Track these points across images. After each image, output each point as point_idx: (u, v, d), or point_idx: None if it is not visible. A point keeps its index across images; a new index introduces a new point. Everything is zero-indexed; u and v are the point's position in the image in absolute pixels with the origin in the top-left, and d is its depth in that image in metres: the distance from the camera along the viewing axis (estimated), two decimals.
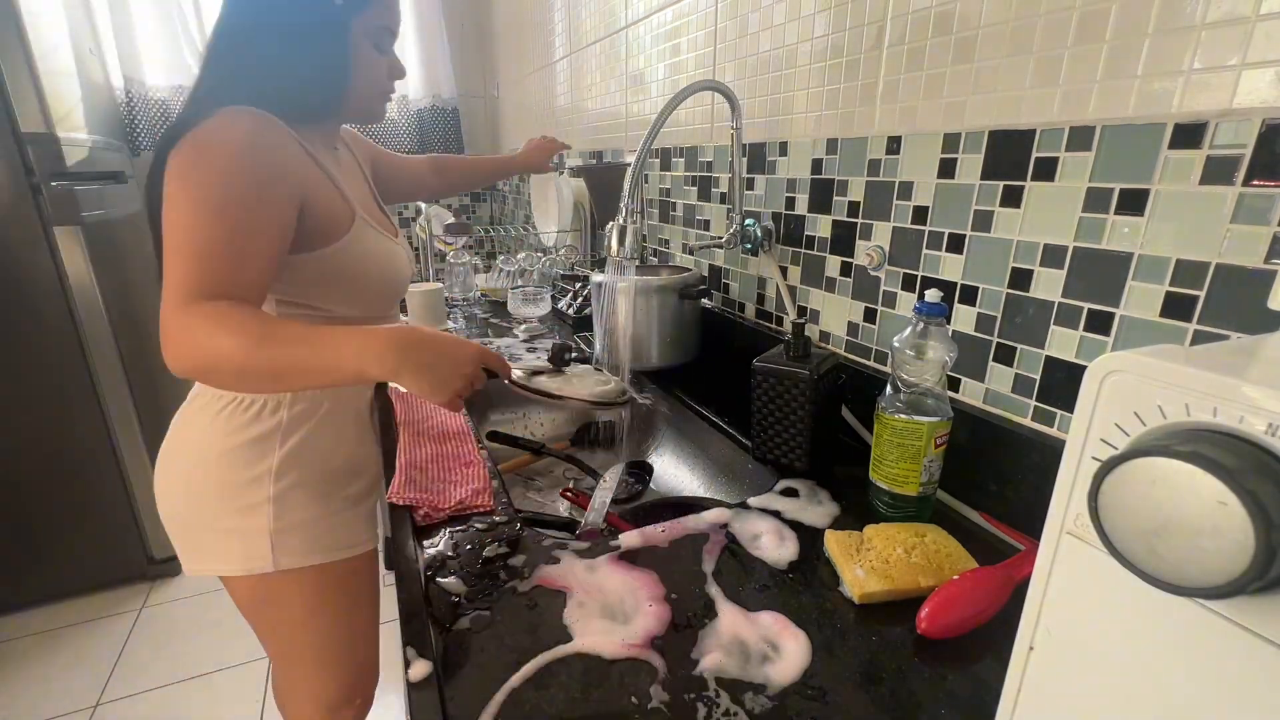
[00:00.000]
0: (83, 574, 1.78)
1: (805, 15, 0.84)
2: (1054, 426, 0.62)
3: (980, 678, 0.45)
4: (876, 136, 0.76)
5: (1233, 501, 0.20)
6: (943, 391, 0.62)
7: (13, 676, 1.57)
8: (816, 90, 0.84)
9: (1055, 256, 0.59)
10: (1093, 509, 0.25)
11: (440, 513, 0.65)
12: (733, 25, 1.00)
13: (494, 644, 0.49)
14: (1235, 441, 0.22)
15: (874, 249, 0.78)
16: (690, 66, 1.14)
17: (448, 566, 0.58)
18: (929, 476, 0.62)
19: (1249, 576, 0.20)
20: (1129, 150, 0.52)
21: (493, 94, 2.65)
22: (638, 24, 1.32)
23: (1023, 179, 0.61)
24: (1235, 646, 0.23)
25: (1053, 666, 0.31)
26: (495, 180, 1.38)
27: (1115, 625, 0.27)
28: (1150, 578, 0.23)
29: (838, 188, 0.83)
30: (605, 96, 1.53)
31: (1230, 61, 0.46)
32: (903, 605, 0.52)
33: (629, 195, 0.80)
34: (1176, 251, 0.50)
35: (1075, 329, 0.58)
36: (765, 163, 0.97)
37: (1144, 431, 0.25)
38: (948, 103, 0.67)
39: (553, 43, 1.85)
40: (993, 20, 0.61)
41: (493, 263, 1.91)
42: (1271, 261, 0.45)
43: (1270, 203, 0.45)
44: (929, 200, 0.71)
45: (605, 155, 1.57)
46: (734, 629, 0.50)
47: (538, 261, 1.67)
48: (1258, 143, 0.45)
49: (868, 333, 0.82)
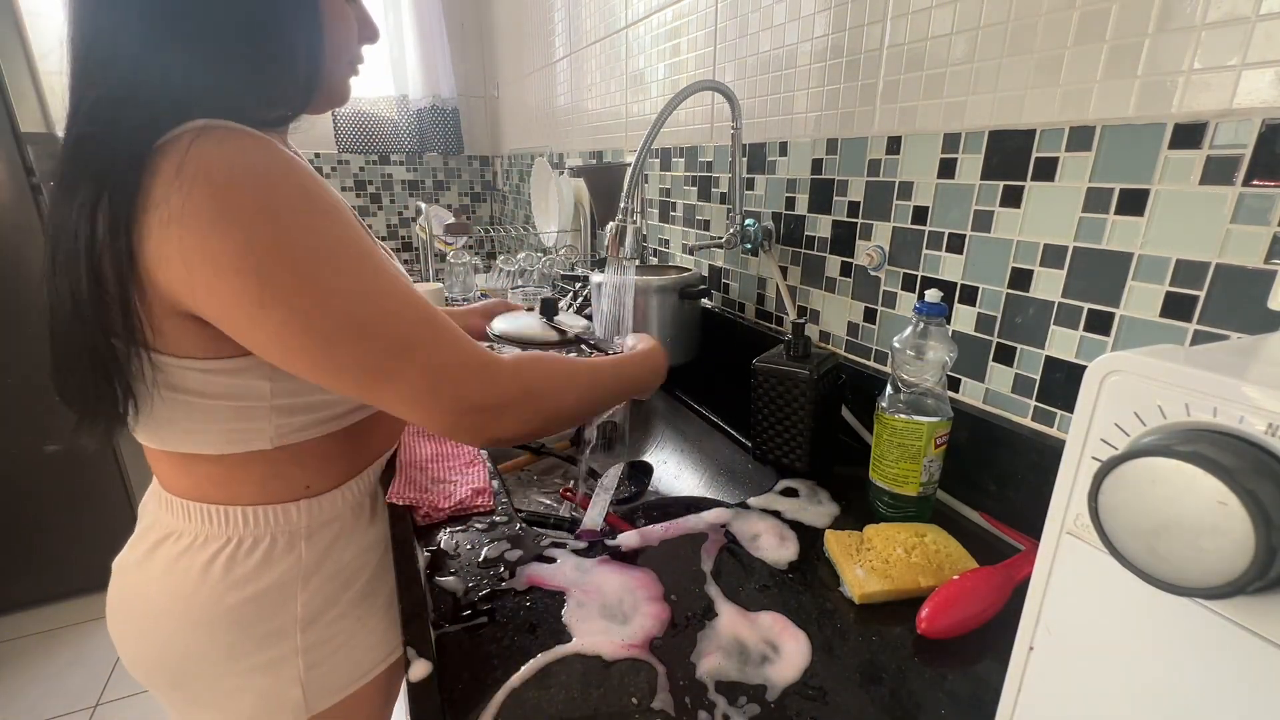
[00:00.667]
0: (83, 574, 1.78)
1: (805, 15, 0.84)
2: (1054, 426, 0.62)
3: (980, 678, 0.45)
4: (876, 136, 0.76)
5: (1233, 501, 0.20)
6: (943, 391, 0.62)
7: (13, 676, 1.57)
8: (816, 90, 0.84)
9: (1055, 256, 0.59)
10: (1093, 509, 0.25)
11: (440, 513, 0.65)
12: (733, 25, 1.00)
13: (494, 644, 0.49)
14: (1235, 441, 0.22)
15: (874, 249, 0.78)
16: (690, 66, 1.14)
17: (448, 566, 0.58)
18: (929, 476, 0.62)
19: (1249, 576, 0.20)
20: (1129, 150, 0.52)
21: (492, 94, 2.65)
22: (638, 24, 1.32)
23: (1023, 179, 0.61)
24: (1235, 646, 0.23)
25: (1053, 666, 0.31)
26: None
27: (1115, 625, 0.27)
28: (1150, 578, 0.23)
29: (838, 188, 0.83)
30: (605, 96, 1.53)
31: (1230, 61, 0.46)
32: (903, 605, 0.52)
33: (629, 195, 0.80)
34: (1176, 251, 0.50)
35: (1075, 329, 0.58)
36: (765, 163, 0.97)
37: (1144, 431, 0.25)
38: (948, 103, 0.66)
39: (553, 43, 1.85)
40: (993, 20, 0.61)
41: (493, 263, 1.91)
42: (1271, 261, 0.45)
43: (1270, 203, 0.45)
44: (929, 200, 0.71)
45: (605, 155, 1.57)
46: (733, 629, 0.50)
47: (538, 261, 1.67)
48: (1258, 143, 0.45)
49: (868, 333, 0.82)
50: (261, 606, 0.58)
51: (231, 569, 0.57)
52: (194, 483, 0.58)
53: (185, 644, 0.58)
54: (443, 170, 2.72)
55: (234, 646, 0.58)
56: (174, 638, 0.58)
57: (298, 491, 0.60)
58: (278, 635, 0.59)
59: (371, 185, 2.61)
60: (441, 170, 2.72)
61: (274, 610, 0.59)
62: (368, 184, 2.60)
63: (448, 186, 2.75)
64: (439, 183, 2.72)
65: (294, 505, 0.60)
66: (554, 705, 0.43)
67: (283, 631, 0.59)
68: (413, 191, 2.67)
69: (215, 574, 0.57)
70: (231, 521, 0.58)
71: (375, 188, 2.61)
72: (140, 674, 0.61)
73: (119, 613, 0.61)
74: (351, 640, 0.64)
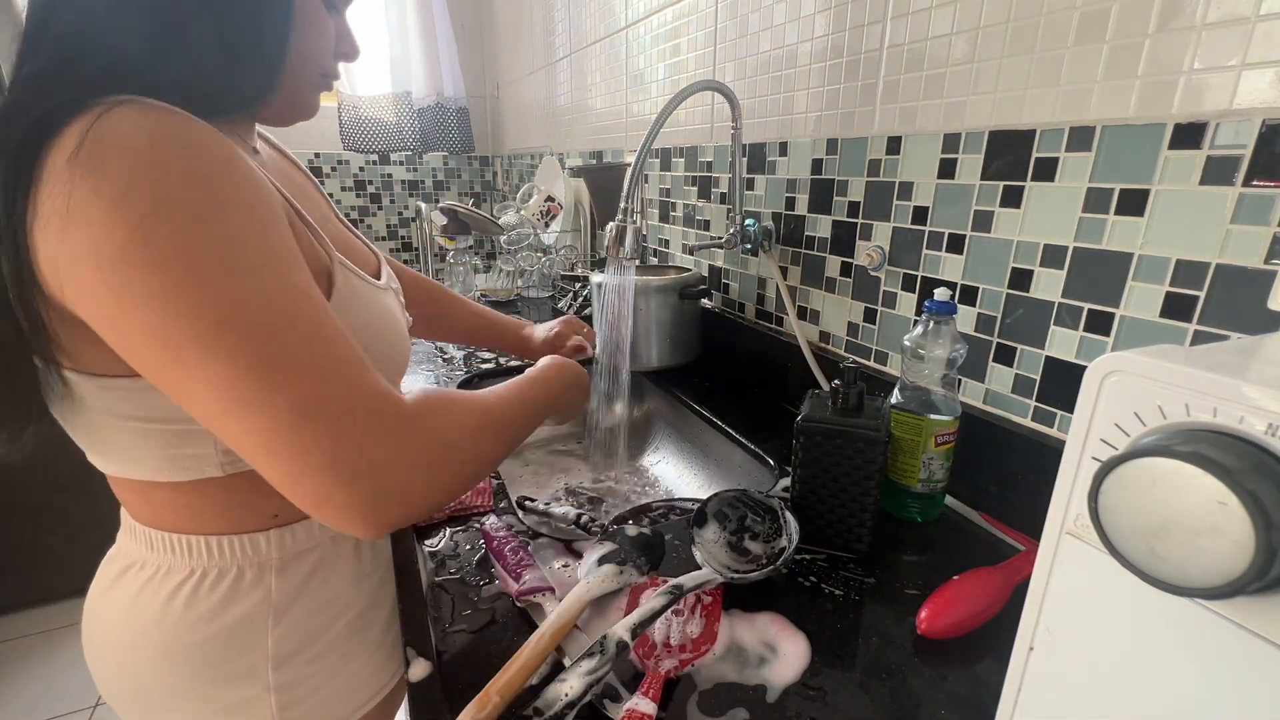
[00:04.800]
0: (83, 574, 1.77)
1: (805, 15, 0.84)
2: (1054, 427, 0.62)
3: (980, 678, 0.45)
4: (876, 136, 0.76)
5: (1233, 501, 0.20)
6: (950, 389, 0.62)
7: (13, 676, 1.57)
8: (816, 90, 0.84)
9: (1055, 257, 0.59)
10: (1093, 509, 0.25)
11: (440, 512, 0.65)
12: (733, 25, 1.00)
13: (494, 644, 0.49)
14: (1235, 441, 0.22)
15: (874, 249, 0.78)
16: (690, 66, 1.14)
17: (447, 566, 0.58)
18: (928, 474, 0.62)
19: (1249, 576, 0.20)
20: (1129, 150, 0.52)
21: (492, 94, 2.65)
22: (638, 24, 1.32)
23: (1023, 179, 0.61)
24: (1235, 646, 0.23)
25: (1053, 666, 0.31)
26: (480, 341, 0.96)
27: (1115, 625, 0.27)
28: (1150, 578, 0.23)
29: (838, 188, 0.83)
30: (605, 96, 1.53)
31: (1230, 61, 0.46)
32: (903, 605, 0.52)
33: (629, 195, 0.80)
34: (1176, 252, 0.50)
35: (1075, 329, 0.58)
36: (765, 163, 0.97)
37: (1144, 432, 0.25)
38: (948, 103, 0.66)
39: (553, 43, 1.85)
40: (993, 20, 0.61)
41: (493, 263, 1.91)
42: (1271, 261, 0.45)
43: (1270, 203, 0.45)
44: (929, 200, 0.71)
45: (605, 155, 1.57)
46: (732, 629, 0.50)
47: (538, 261, 1.67)
48: (1258, 143, 0.45)
49: (868, 333, 0.82)
50: (228, 644, 0.53)
51: (194, 603, 0.52)
52: (154, 510, 0.53)
53: (151, 679, 0.54)
54: (443, 170, 2.72)
55: (200, 685, 0.53)
56: (140, 672, 0.54)
57: (265, 520, 0.54)
58: (247, 675, 0.54)
59: (371, 185, 2.60)
60: (441, 170, 2.71)
61: (242, 648, 0.53)
62: (368, 184, 2.60)
63: (448, 186, 2.75)
64: (439, 183, 2.72)
65: (261, 535, 0.53)
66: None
67: (253, 671, 0.54)
68: (413, 191, 2.67)
69: (177, 608, 0.52)
70: (195, 552, 0.52)
71: (375, 188, 2.61)
72: (115, 706, 0.57)
73: (89, 643, 0.58)
74: (334, 680, 0.58)
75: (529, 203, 1.74)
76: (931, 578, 0.55)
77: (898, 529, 0.63)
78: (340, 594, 0.58)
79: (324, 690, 0.57)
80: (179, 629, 0.52)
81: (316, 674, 0.57)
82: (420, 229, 1.68)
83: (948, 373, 0.61)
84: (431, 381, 1.05)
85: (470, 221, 1.64)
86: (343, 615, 0.58)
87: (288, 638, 0.55)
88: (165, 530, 0.53)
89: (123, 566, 0.55)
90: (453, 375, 1.08)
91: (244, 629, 0.53)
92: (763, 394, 0.99)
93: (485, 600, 0.54)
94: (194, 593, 0.52)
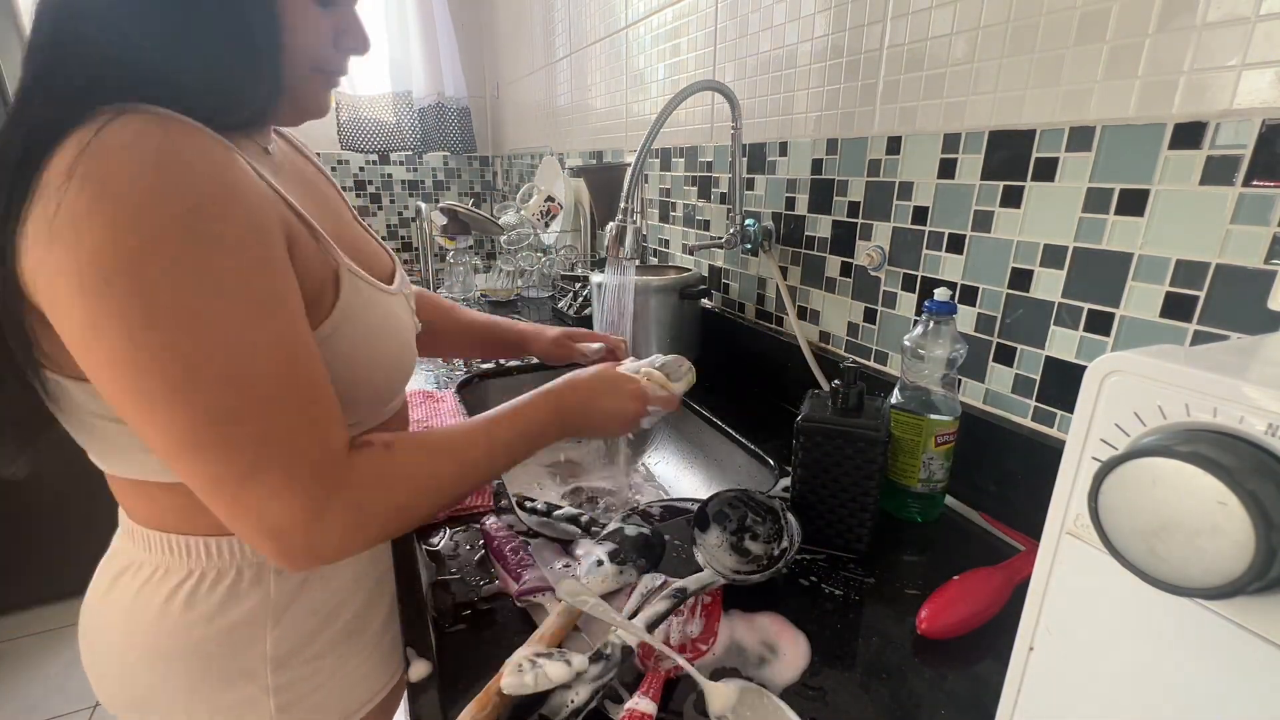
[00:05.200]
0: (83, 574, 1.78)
1: (805, 15, 0.84)
2: (1054, 427, 0.62)
3: (980, 678, 0.45)
4: (876, 137, 0.76)
5: (1233, 501, 0.20)
6: (950, 389, 0.62)
7: (13, 676, 1.57)
8: (816, 90, 0.84)
9: (1055, 257, 0.59)
10: (1093, 509, 0.25)
11: (440, 513, 0.65)
12: (733, 25, 1.00)
13: (494, 644, 0.49)
14: (1235, 441, 0.22)
15: (874, 249, 0.78)
16: (690, 66, 1.14)
17: (448, 566, 0.58)
18: (928, 474, 0.62)
19: (1249, 576, 0.20)
20: (1129, 150, 0.52)
21: (493, 94, 2.65)
22: (638, 24, 1.32)
23: (1023, 179, 0.61)
24: (1235, 646, 0.23)
25: (1053, 666, 0.31)
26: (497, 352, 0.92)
27: (1115, 625, 0.27)
28: (1150, 578, 0.23)
29: (838, 188, 0.83)
30: (605, 96, 1.53)
31: (1230, 61, 0.46)
32: (902, 605, 0.52)
33: (629, 195, 0.80)
34: (1176, 252, 0.50)
35: (1075, 329, 0.58)
36: (765, 163, 0.97)
37: (1144, 432, 0.25)
38: (948, 103, 0.66)
39: (553, 43, 1.85)
40: (993, 20, 0.61)
41: (493, 263, 1.91)
42: (1271, 261, 0.45)
43: (1270, 203, 0.45)
44: (929, 200, 0.71)
45: (605, 155, 1.57)
46: (732, 629, 0.50)
47: (538, 261, 1.67)
48: (1258, 143, 0.45)
49: (868, 333, 0.82)
50: (226, 644, 0.53)
51: (193, 604, 0.52)
52: (151, 511, 0.53)
53: (148, 681, 0.54)
54: (443, 170, 2.72)
55: (197, 686, 0.53)
56: (138, 673, 0.54)
57: None
58: (245, 675, 0.54)
59: (371, 185, 2.60)
60: (441, 170, 2.71)
61: (240, 649, 0.53)
62: (368, 184, 2.60)
63: (448, 186, 2.75)
64: (439, 183, 2.72)
65: None
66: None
67: (251, 672, 0.54)
68: (413, 191, 2.67)
69: (175, 609, 0.52)
70: (193, 553, 0.52)
71: (375, 187, 2.61)
72: (114, 710, 0.57)
73: (87, 648, 0.58)
74: (332, 680, 0.58)
75: (529, 203, 1.74)
76: (931, 578, 0.55)
77: (898, 529, 0.63)
78: (338, 595, 0.58)
79: (322, 691, 0.58)
80: (177, 630, 0.52)
81: (315, 674, 0.57)
82: (420, 229, 1.67)
83: (948, 373, 0.61)
84: (431, 382, 1.05)
85: (470, 221, 1.64)
86: (341, 616, 0.58)
87: (286, 638, 0.55)
88: (163, 531, 0.52)
89: (120, 568, 0.55)
90: (453, 375, 1.07)
91: (242, 630, 0.53)
92: (763, 394, 0.99)
93: (485, 600, 0.54)
94: (192, 594, 0.52)
